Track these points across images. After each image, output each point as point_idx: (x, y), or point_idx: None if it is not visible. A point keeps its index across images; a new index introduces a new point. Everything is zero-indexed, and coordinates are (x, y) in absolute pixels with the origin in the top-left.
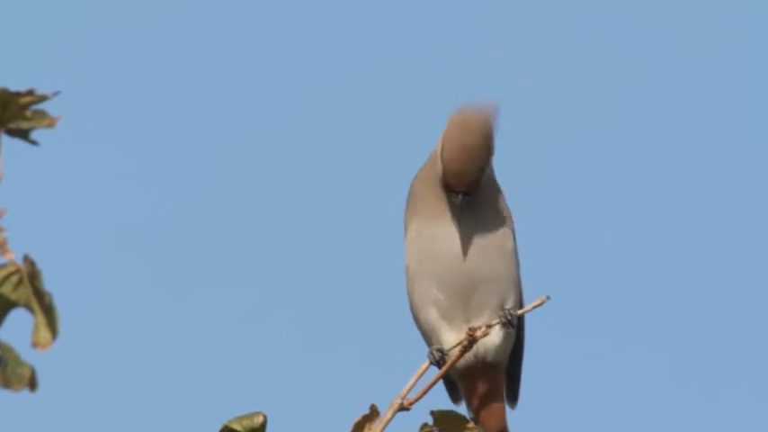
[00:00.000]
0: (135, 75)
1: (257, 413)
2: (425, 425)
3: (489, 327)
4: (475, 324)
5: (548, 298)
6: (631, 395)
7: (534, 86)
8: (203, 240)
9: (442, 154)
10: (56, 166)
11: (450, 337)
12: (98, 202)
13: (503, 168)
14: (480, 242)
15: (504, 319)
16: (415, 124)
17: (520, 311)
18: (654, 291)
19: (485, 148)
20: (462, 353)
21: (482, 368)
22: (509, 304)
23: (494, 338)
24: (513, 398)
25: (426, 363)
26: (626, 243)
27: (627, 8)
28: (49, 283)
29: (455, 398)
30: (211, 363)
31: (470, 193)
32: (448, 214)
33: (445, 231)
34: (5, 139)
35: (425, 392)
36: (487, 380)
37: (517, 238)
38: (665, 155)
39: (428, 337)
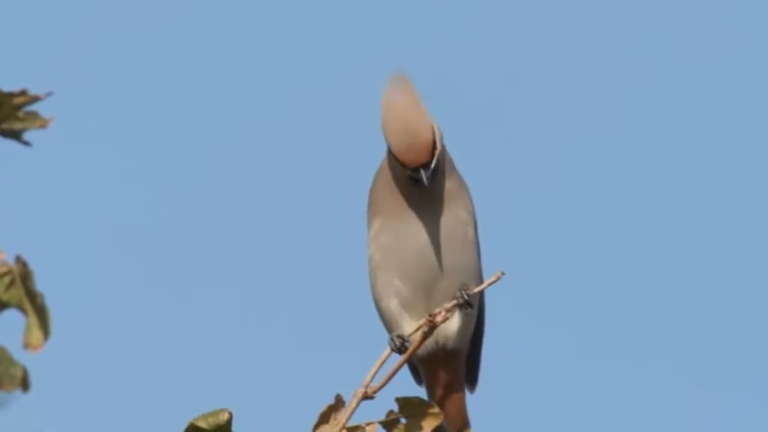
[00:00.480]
0: (135, 75)
1: (222, 410)
2: (391, 412)
3: (448, 311)
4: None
5: (502, 273)
6: (590, 379)
7: (534, 86)
8: (203, 241)
9: (387, 144)
10: (56, 166)
11: (412, 327)
12: (98, 203)
13: (502, 167)
14: (441, 235)
15: (461, 300)
16: None
17: (476, 289)
18: (622, 281)
19: (416, 111)
20: (423, 339)
21: (443, 355)
22: (469, 286)
23: (454, 323)
24: (472, 381)
25: (388, 350)
26: (624, 240)
27: (627, 8)
28: (42, 284)
29: (419, 379)
30: (208, 361)
31: (431, 163)
32: (409, 211)
33: (407, 227)
34: None
35: (389, 380)
36: (448, 366)
37: (481, 227)
38: (664, 154)
39: (390, 326)
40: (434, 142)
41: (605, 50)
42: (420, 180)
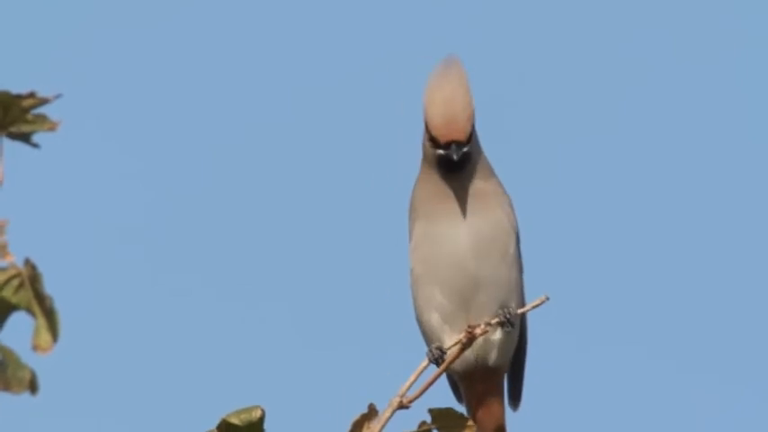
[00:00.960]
0: (135, 75)
1: (255, 407)
2: (424, 423)
3: (489, 324)
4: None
5: (547, 298)
6: (634, 397)
7: (534, 86)
8: (203, 240)
9: (425, 119)
10: (55, 166)
11: (452, 341)
12: (98, 203)
13: (502, 167)
14: (483, 245)
15: (503, 318)
16: (414, 124)
17: (519, 311)
18: (656, 291)
19: (462, 88)
20: (461, 351)
21: (482, 372)
22: (510, 305)
23: (493, 340)
24: (515, 399)
25: (425, 361)
26: (627, 243)
27: (627, 8)
28: (49, 286)
29: (460, 397)
30: (212, 361)
31: (463, 143)
32: (449, 219)
33: (448, 232)
34: (6, 141)
35: (424, 391)
36: (487, 384)
37: (521, 240)
38: (665, 155)
39: (430, 339)
40: (473, 124)
41: (605, 50)
42: (449, 158)
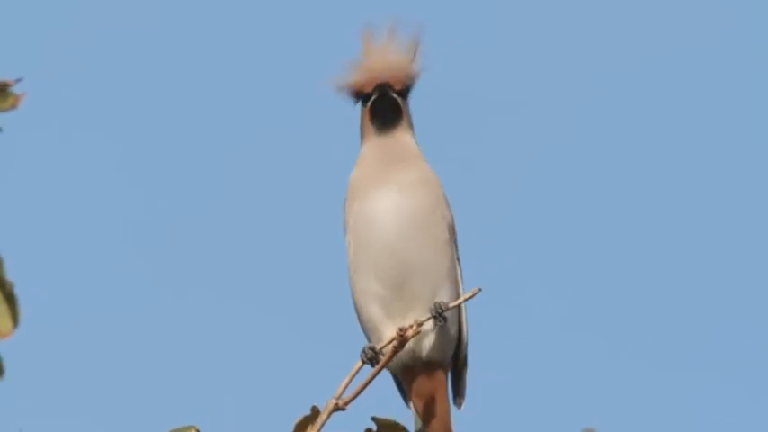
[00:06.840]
0: (135, 75)
1: (189, 427)
2: (369, 430)
3: (420, 324)
4: (407, 322)
5: (479, 290)
6: (586, 393)
7: (533, 85)
8: (200, 239)
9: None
10: (55, 165)
11: (391, 331)
12: (96, 202)
13: (500, 166)
14: (414, 230)
15: (434, 313)
16: (416, 126)
17: (451, 305)
18: (639, 285)
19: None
20: (394, 352)
21: (421, 366)
22: (442, 295)
23: (427, 334)
24: (458, 396)
25: (359, 363)
26: (626, 240)
27: (627, 8)
28: (10, 272)
29: (405, 395)
30: (165, 361)
31: (380, 93)
32: (381, 197)
33: (377, 212)
34: None
35: (360, 392)
36: (428, 378)
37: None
38: (664, 154)
39: (372, 333)
40: (395, 81)
41: (605, 50)
42: (383, 95)
